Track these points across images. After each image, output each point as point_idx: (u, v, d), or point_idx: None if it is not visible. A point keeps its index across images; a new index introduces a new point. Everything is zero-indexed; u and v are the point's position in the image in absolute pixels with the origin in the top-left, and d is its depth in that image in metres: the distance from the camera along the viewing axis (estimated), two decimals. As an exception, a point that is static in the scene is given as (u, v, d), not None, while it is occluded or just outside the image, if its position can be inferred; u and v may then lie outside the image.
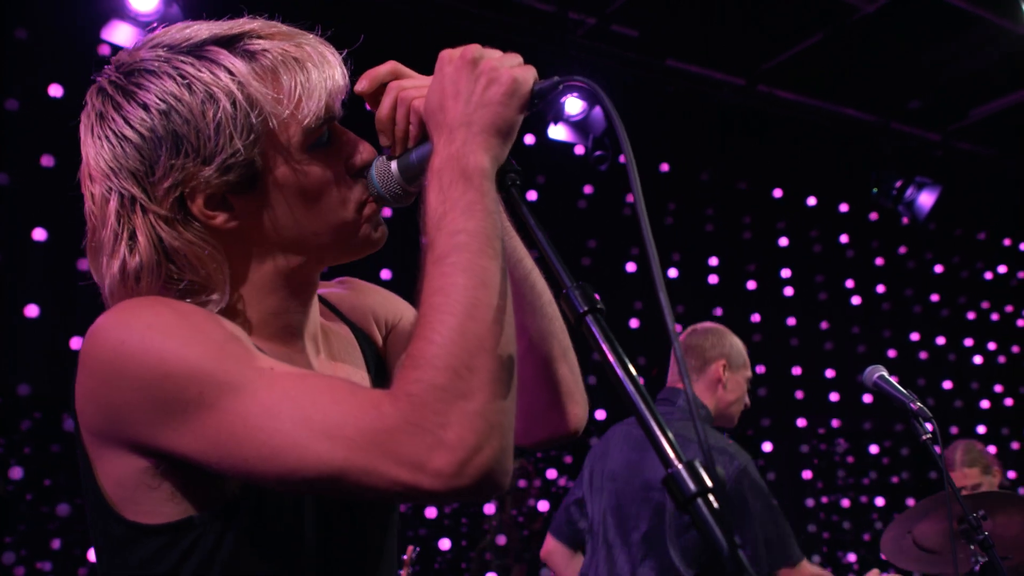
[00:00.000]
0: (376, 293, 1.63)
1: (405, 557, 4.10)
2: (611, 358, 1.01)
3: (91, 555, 4.52)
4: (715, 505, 0.90)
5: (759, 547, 3.23)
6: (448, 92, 1.19)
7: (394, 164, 1.29)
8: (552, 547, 3.79)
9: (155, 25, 1.37)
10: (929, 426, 2.60)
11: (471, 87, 1.18)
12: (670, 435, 0.95)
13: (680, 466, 0.92)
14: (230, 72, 1.20)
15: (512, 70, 1.19)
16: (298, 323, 1.36)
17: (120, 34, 4.54)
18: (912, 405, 2.65)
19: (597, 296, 1.07)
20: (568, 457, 6.22)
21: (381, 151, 1.34)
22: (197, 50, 1.22)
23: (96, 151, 1.25)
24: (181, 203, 1.22)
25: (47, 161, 4.69)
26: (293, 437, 1.04)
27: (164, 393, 1.08)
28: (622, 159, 1.14)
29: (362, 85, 1.32)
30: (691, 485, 0.91)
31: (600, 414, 6.18)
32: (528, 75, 1.20)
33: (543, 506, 6.07)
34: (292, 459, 1.04)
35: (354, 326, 1.54)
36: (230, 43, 1.23)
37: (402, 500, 1.05)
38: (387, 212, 1.43)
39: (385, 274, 5.46)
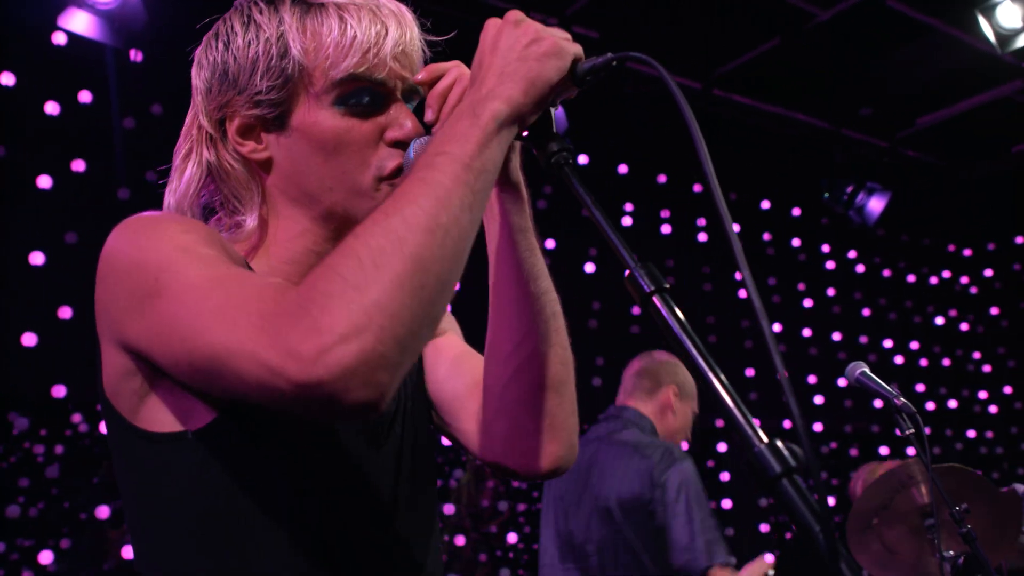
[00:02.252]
0: None
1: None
2: (683, 337, 0.98)
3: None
4: (800, 485, 0.87)
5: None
6: (487, 48, 1.20)
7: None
8: None
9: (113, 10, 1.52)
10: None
11: (510, 43, 1.18)
12: (748, 415, 0.92)
13: (763, 447, 0.90)
14: (279, 19, 1.30)
15: (555, 37, 1.19)
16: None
17: (77, 22, 4.43)
18: (896, 401, 2.66)
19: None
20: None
21: (429, 131, 1.32)
22: None
23: (194, 67, 1.40)
24: (222, 125, 1.34)
25: (-1, 151, 4.57)
26: (215, 317, 1.03)
27: (133, 282, 1.13)
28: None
29: (421, 76, 1.34)
30: (775, 465, 0.88)
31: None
32: (572, 46, 1.19)
33: (502, 506, 6.04)
34: (209, 337, 1.03)
35: None
36: None
37: (268, 396, 0.98)
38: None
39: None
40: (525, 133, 1.23)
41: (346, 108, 1.29)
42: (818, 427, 7.25)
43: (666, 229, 7.12)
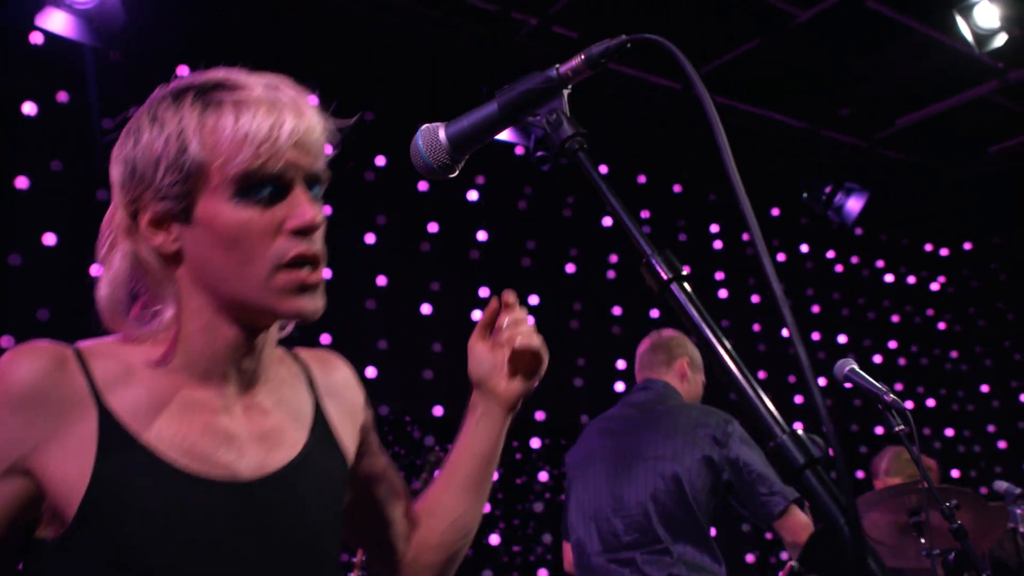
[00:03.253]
0: (361, 400, 1.66)
1: (355, 559, 4.02)
2: (701, 324, 0.97)
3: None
4: (824, 476, 0.86)
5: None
6: None
7: (442, 131, 1.23)
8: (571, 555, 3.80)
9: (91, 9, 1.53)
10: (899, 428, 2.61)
11: None
12: (769, 404, 0.91)
13: (785, 437, 0.88)
14: (180, 118, 1.34)
15: None
16: (229, 363, 1.41)
17: (55, 22, 4.38)
18: (886, 397, 2.67)
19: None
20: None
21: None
22: (178, 93, 1.37)
23: (111, 164, 1.43)
24: (135, 218, 1.38)
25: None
26: None
27: None
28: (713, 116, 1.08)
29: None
30: (798, 456, 0.87)
31: (584, 418, 6.20)
32: None
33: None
34: None
35: (320, 409, 1.55)
36: (202, 91, 1.36)
37: None
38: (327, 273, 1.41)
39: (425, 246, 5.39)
40: (538, 117, 1.20)
41: (244, 201, 1.32)
42: (798, 426, 7.27)
43: (646, 229, 7.17)
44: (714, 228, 7.50)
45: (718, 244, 7.49)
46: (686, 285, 1.01)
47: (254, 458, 1.39)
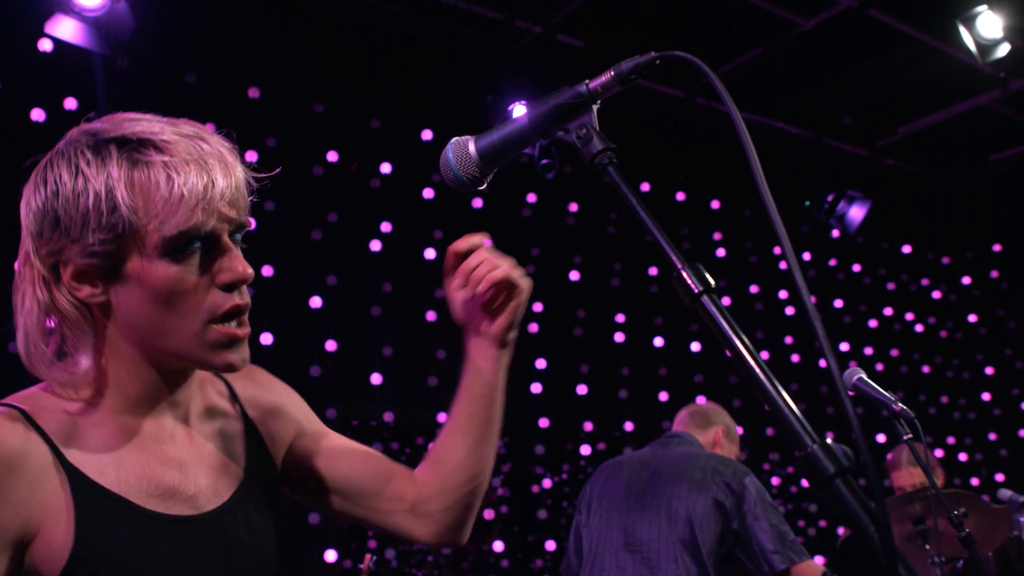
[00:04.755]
0: (285, 392, 1.70)
1: (363, 566, 4.04)
2: (731, 336, 0.98)
3: None
4: (855, 485, 0.88)
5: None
6: None
7: (472, 144, 1.25)
8: None
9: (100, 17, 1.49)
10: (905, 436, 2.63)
11: None
12: (800, 415, 0.93)
13: (816, 447, 0.90)
14: (106, 172, 1.30)
15: None
16: (164, 400, 1.43)
17: (64, 29, 4.39)
18: (894, 406, 2.68)
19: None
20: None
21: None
22: (100, 145, 1.33)
23: (21, 209, 1.38)
24: (55, 269, 1.34)
25: (-17, 159, 4.52)
26: None
27: None
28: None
29: (456, 246, 1.58)
30: (829, 465, 0.89)
31: (588, 426, 6.20)
32: None
33: (488, 514, 6.04)
34: None
35: (248, 420, 1.59)
36: (128, 146, 1.32)
37: None
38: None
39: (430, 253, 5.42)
40: (568, 132, 1.22)
41: (176, 259, 1.32)
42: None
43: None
44: (717, 236, 7.53)
45: (721, 252, 7.52)
46: (716, 297, 1.03)
47: (205, 484, 1.44)
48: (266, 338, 5.26)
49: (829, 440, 0.90)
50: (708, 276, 1.04)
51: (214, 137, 1.38)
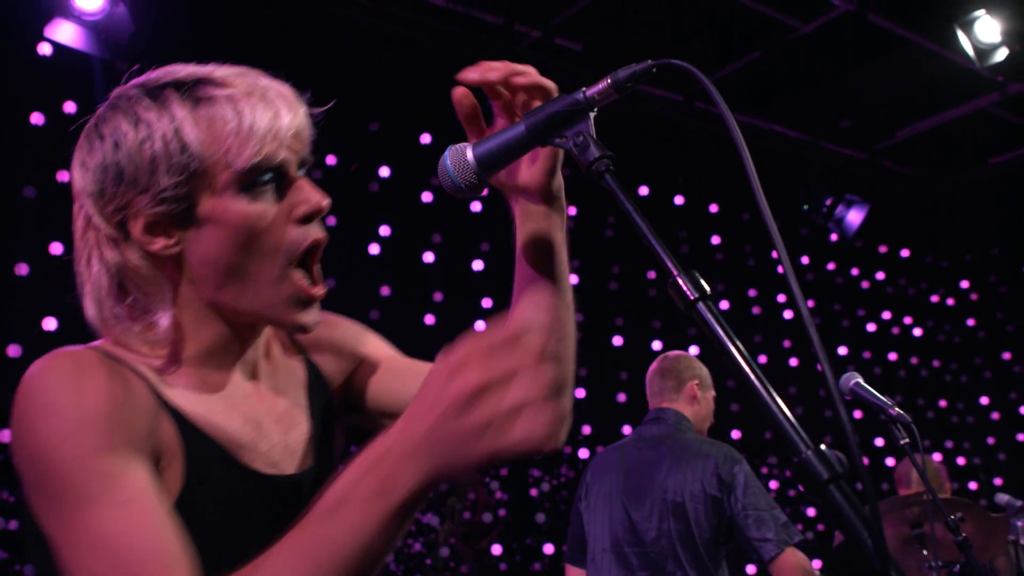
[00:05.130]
0: (343, 327, 1.64)
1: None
2: (727, 343, 0.99)
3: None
4: (848, 491, 0.88)
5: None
6: (430, 399, 1.01)
7: (470, 151, 1.25)
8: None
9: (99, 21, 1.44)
10: (903, 442, 2.63)
11: (446, 406, 0.99)
12: (794, 420, 0.93)
13: (810, 453, 0.91)
14: (170, 115, 1.28)
15: (503, 405, 0.97)
16: (235, 356, 1.40)
17: (63, 32, 4.41)
18: (891, 411, 2.69)
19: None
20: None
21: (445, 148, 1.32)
22: (155, 91, 1.31)
23: (72, 172, 1.35)
24: (123, 226, 1.31)
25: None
26: None
27: (37, 473, 1.18)
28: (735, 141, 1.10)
29: (472, 76, 1.35)
30: (823, 471, 0.89)
31: (586, 429, 6.20)
32: (534, 433, 0.96)
33: (486, 518, 6.05)
34: None
35: (309, 360, 1.55)
36: (184, 87, 1.31)
37: None
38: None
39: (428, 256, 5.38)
40: (565, 139, 1.23)
41: (252, 194, 1.29)
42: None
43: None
44: (715, 239, 7.54)
45: (720, 255, 7.53)
46: (711, 304, 1.03)
47: (279, 441, 1.40)
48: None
49: (823, 446, 0.91)
50: (703, 283, 1.04)
51: (269, 77, 1.36)
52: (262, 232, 1.29)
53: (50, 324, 4.54)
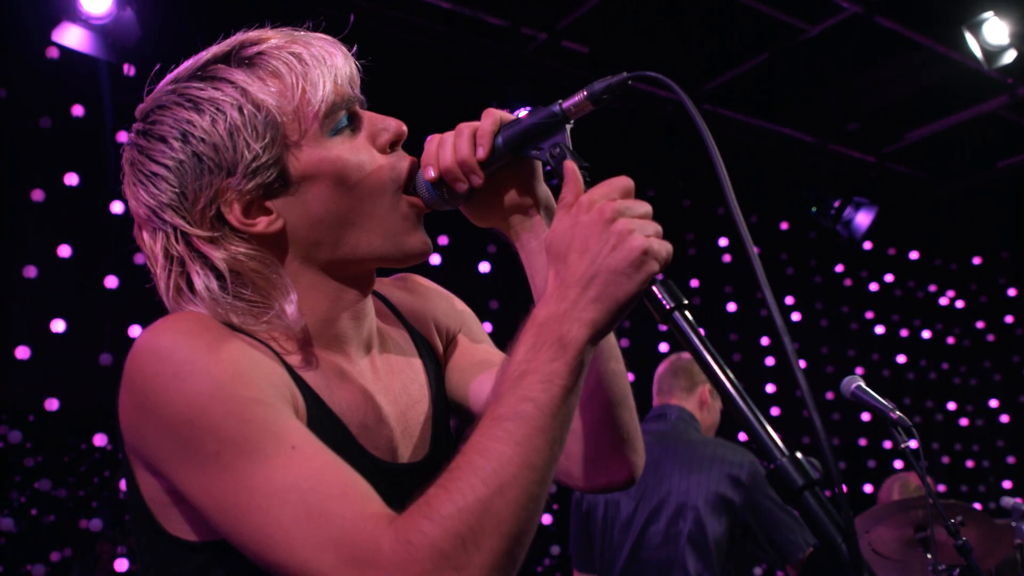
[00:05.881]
0: (438, 297, 1.60)
1: None
2: (704, 354, 1.00)
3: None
4: (822, 497, 0.89)
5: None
6: (576, 244, 1.11)
7: (430, 169, 1.28)
8: None
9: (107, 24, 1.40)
10: (913, 443, 2.63)
11: (599, 246, 1.09)
12: (769, 428, 0.94)
13: (784, 460, 0.91)
14: (231, 82, 1.24)
15: (647, 240, 1.10)
16: (351, 330, 1.35)
17: (71, 36, 4.43)
18: (892, 415, 2.69)
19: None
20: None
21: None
22: (200, 71, 1.27)
23: (135, 198, 1.28)
24: (220, 219, 1.24)
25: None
26: (289, 534, 1.03)
27: (184, 439, 1.10)
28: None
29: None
30: (797, 478, 0.90)
31: None
32: (663, 249, 1.10)
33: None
34: (280, 554, 1.04)
35: (413, 331, 1.51)
36: (228, 57, 1.27)
37: None
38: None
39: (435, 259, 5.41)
40: (542, 151, 1.24)
41: (337, 136, 1.27)
42: (806, 440, 7.30)
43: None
44: (723, 242, 7.53)
45: (727, 258, 7.52)
46: (687, 314, 1.04)
47: (396, 424, 1.36)
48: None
49: (799, 454, 0.92)
50: (680, 293, 1.05)
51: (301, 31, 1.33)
52: (362, 169, 1.27)
53: (58, 326, 4.57)
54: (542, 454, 1.04)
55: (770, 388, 7.35)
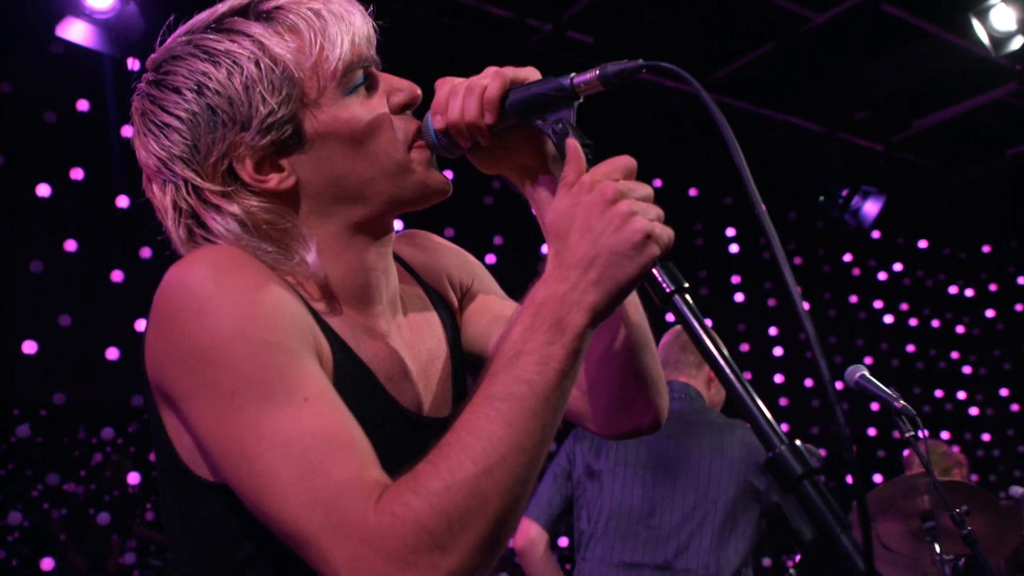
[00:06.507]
0: (448, 252, 1.58)
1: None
2: (704, 338, 0.99)
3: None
4: (822, 486, 0.88)
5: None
6: (577, 224, 1.10)
7: (438, 117, 1.26)
8: (535, 535, 3.51)
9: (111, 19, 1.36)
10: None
11: (601, 227, 1.08)
12: (769, 415, 0.93)
13: (784, 448, 0.90)
14: (248, 36, 1.22)
15: (650, 223, 1.09)
16: (375, 282, 1.32)
17: (74, 31, 4.43)
18: (896, 404, 2.68)
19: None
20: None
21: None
22: (216, 23, 1.24)
23: (145, 148, 1.26)
24: (232, 174, 1.23)
25: (-3, 160, 4.58)
26: (285, 488, 1.03)
27: (201, 375, 1.09)
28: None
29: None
30: (797, 467, 0.89)
31: None
32: (664, 233, 1.10)
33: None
34: (273, 505, 1.04)
35: (428, 287, 1.49)
36: (245, 10, 1.25)
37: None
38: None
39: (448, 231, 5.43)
40: (545, 123, 1.21)
41: (353, 94, 1.26)
42: (815, 430, 7.29)
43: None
44: (730, 232, 7.52)
45: (734, 248, 7.50)
46: (687, 298, 1.03)
47: (419, 379, 1.35)
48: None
49: (799, 441, 0.91)
50: (680, 276, 1.04)
51: None
52: (377, 127, 1.26)
53: (65, 320, 4.57)
54: (533, 437, 1.03)
55: (778, 378, 7.34)
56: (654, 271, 1.05)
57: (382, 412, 1.24)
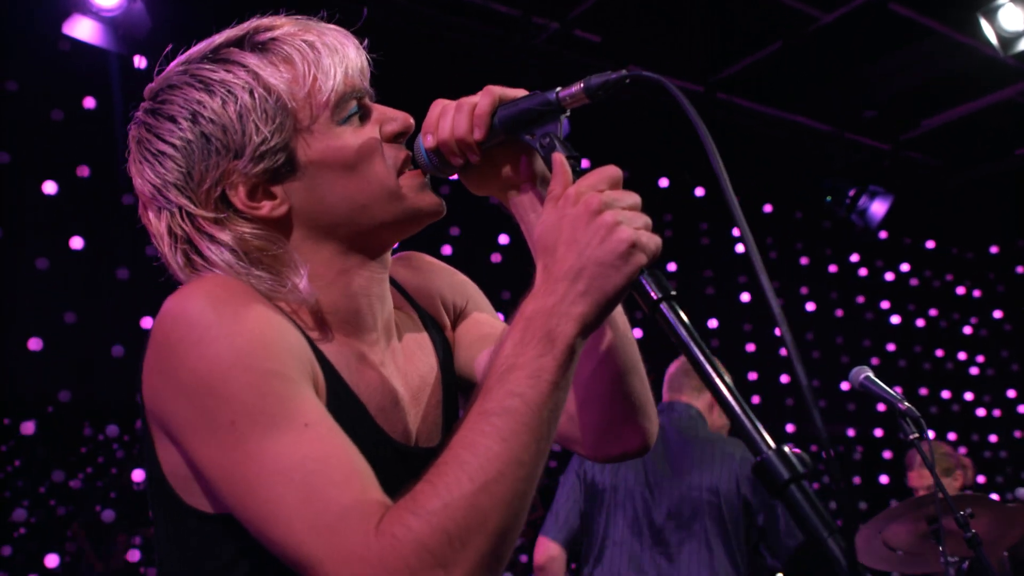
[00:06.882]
0: (442, 273, 1.59)
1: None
2: (691, 345, 0.99)
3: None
4: (809, 491, 0.88)
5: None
6: (563, 237, 1.11)
7: (429, 136, 1.28)
8: (556, 553, 3.62)
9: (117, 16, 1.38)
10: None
11: (587, 239, 1.09)
12: (756, 421, 0.93)
13: (771, 453, 0.90)
14: (243, 66, 1.24)
15: (635, 232, 1.09)
16: (369, 309, 1.34)
17: (81, 29, 4.44)
18: (900, 405, 2.67)
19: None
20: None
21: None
22: (212, 54, 1.28)
23: (140, 176, 1.28)
24: (225, 201, 1.25)
25: (3, 158, 4.59)
26: (289, 515, 1.04)
27: (201, 405, 1.10)
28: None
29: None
30: (783, 471, 0.89)
31: None
32: (651, 241, 1.10)
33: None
34: (278, 531, 1.05)
35: (421, 310, 1.50)
36: (241, 41, 1.28)
37: None
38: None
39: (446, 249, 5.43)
40: (533, 138, 1.23)
41: (345, 124, 1.28)
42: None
43: (668, 233, 7.18)
44: (736, 231, 7.49)
45: (740, 247, 7.49)
46: (674, 304, 1.03)
47: (411, 409, 1.36)
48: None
49: (787, 447, 0.91)
50: (667, 283, 1.04)
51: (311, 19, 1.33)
52: (369, 156, 1.28)
53: (70, 318, 4.59)
54: (529, 450, 1.04)
55: (784, 379, 7.32)
56: (642, 279, 1.05)
57: (372, 443, 1.23)
